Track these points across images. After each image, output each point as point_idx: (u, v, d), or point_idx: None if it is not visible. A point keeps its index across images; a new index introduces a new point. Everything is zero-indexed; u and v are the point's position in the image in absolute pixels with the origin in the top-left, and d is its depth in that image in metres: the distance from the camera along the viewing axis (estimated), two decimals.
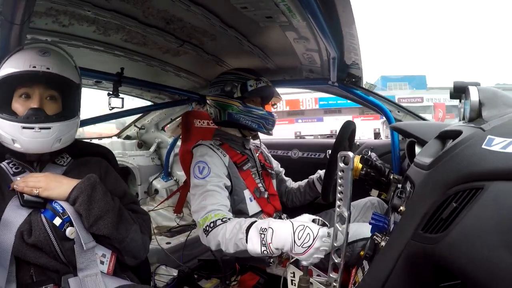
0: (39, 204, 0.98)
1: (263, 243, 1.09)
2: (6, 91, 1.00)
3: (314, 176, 1.78)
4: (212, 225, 1.27)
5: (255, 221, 1.17)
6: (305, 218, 1.08)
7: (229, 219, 1.27)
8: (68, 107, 1.09)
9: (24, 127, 0.96)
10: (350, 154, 0.97)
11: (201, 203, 1.35)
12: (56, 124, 1.00)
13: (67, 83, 1.05)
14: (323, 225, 1.05)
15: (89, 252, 0.99)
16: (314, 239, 1.00)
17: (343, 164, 0.99)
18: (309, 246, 1.00)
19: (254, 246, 1.11)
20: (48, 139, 0.99)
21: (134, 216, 1.12)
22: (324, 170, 1.68)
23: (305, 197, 1.81)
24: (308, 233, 1.02)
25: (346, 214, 0.99)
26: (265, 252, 1.09)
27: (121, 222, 1.05)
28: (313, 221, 1.07)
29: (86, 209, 0.97)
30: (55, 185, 0.99)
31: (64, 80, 1.03)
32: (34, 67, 0.97)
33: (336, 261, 1.01)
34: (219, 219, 1.27)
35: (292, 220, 1.09)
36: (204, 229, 1.28)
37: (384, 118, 1.99)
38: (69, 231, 0.96)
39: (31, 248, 0.93)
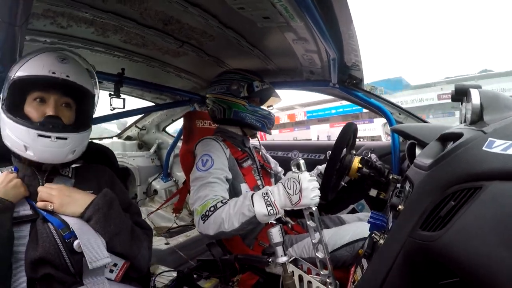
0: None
1: (268, 203, 1.15)
2: (19, 93, 0.97)
3: (313, 172, 1.76)
4: (212, 208, 1.26)
5: (254, 192, 1.22)
6: (289, 174, 1.15)
7: (227, 201, 1.28)
8: (82, 117, 1.07)
9: (40, 135, 0.91)
10: (300, 160, 1.03)
11: (200, 193, 1.33)
12: (72, 135, 0.97)
13: (84, 92, 1.03)
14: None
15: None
16: (299, 182, 1.10)
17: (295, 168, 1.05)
18: (300, 190, 1.09)
19: (261, 208, 1.16)
20: (63, 150, 0.95)
21: (141, 232, 1.11)
22: (324, 165, 1.69)
23: None
24: (293, 181, 1.12)
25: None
26: (271, 211, 1.15)
27: (133, 240, 1.03)
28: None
29: (102, 227, 0.95)
30: (69, 201, 0.96)
31: (81, 89, 1.01)
32: (54, 73, 0.95)
33: (320, 257, 1.01)
34: (219, 201, 1.27)
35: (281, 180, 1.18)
36: (203, 215, 1.27)
37: (385, 120, 1.97)
38: (76, 244, 0.91)
39: (39, 262, 0.88)
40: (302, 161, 1.06)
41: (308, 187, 1.10)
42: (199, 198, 1.32)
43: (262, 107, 1.68)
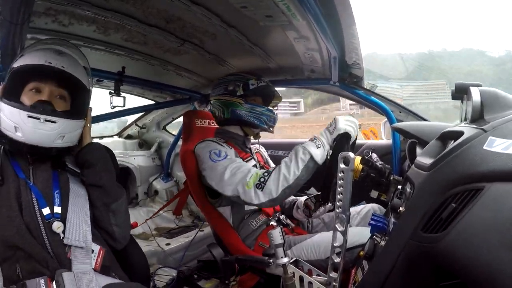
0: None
1: (314, 140, 1.32)
2: (18, 82, 1.01)
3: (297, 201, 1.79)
4: (266, 174, 1.33)
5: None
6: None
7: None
8: (76, 108, 1.10)
9: (29, 116, 0.95)
10: (351, 155, 0.97)
11: (240, 172, 1.38)
12: (61, 119, 1.00)
13: (78, 85, 1.08)
14: None
15: (85, 250, 0.98)
16: (334, 119, 1.32)
17: (343, 165, 0.99)
18: (335, 122, 1.31)
19: (311, 146, 1.30)
20: (51, 133, 0.98)
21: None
22: (304, 198, 1.73)
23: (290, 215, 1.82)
24: (332, 121, 1.32)
25: (345, 214, 0.98)
26: (318, 143, 1.31)
27: (117, 186, 1.15)
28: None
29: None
30: None
31: (76, 81, 1.06)
32: (50, 63, 1.00)
33: (335, 261, 1.01)
34: (267, 171, 1.35)
35: None
36: (257, 184, 1.32)
37: (386, 119, 1.97)
38: (55, 225, 0.95)
39: (27, 231, 0.91)
40: (352, 156, 1.01)
41: (341, 118, 1.30)
42: (242, 176, 1.36)
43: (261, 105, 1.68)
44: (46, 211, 0.96)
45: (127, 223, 1.18)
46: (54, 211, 0.97)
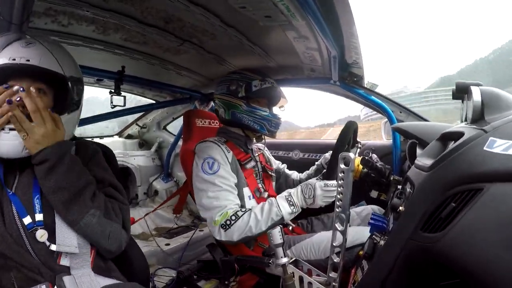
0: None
1: (291, 203, 1.36)
2: None
3: (321, 161, 1.80)
4: (234, 217, 1.35)
5: (277, 197, 1.41)
6: (310, 180, 1.41)
7: (247, 210, 1.38)
8: (58, 104, 0.99)
9: None
10: (351, 155, 0.97)
11: (215, 202, 1.40)
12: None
13: (51, 75, 0.94)
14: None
15: (83, 253, 0.95)
16: (314, 190, 1.36)
17: (343, 165, 0.99)
18: (313, 196, 1.36)
19: (286, 209, 1.35)
20: (14, 143, 0.88)
21: (103, 200, 0.99)
22: (329, 152, 1.71)
23: None
24: (309, 187, 1.37)
25: (345, 214, 0.99)
26: (294, 210, 1.36)
27: (75, 204, 0.91)
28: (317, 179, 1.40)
29: (43, 178, 0.89)
30: (42, 140, 0.88)
31: (45, 71, 0.93)
32: (14, 59, 0.89)
33: (335, 261, 1.01)
34: (238, 210, 1.37)
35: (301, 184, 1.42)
36: (223, 224, 1.35)
37: (386, 119, 1.97)
38: (39, 234, 0.89)
39: (13, 241, 0.87)
40: (352, 156, 0.97)
41: (321, 194, 1.34)
42: (216, 208, 1.39)
43: (263, 108, 1.62)
44: (27, 220, 0.90)
45: (100, 239, 0.97)
46: (36, 219, 0.91)
